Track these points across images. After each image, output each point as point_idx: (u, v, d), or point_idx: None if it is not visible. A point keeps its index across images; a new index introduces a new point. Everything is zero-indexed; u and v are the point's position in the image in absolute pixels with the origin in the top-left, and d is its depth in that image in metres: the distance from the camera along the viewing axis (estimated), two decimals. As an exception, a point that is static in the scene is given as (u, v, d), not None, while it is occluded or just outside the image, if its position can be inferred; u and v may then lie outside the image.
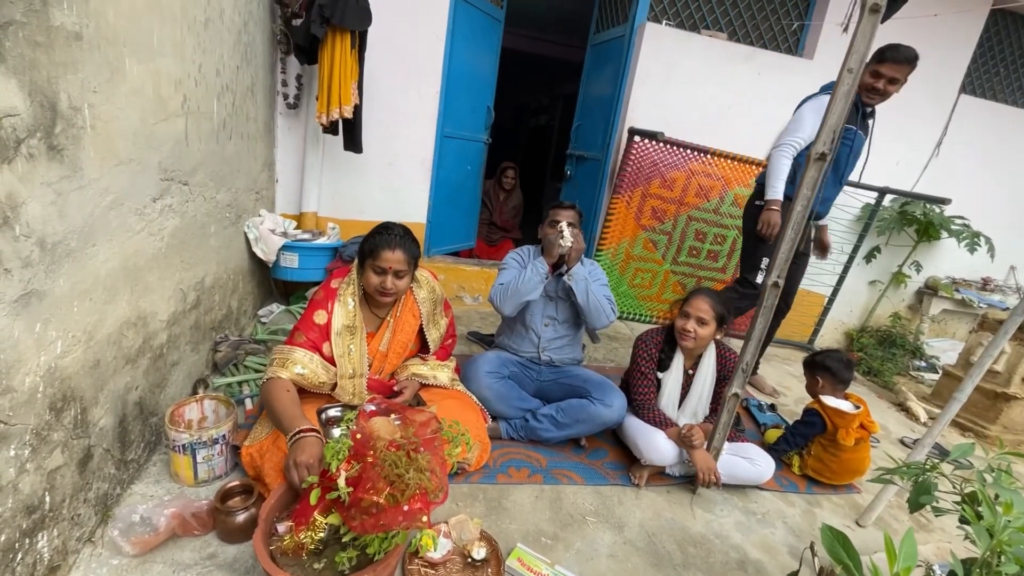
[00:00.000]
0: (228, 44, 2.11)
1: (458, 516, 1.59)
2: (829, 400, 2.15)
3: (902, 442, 2.80)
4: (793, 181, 2.49)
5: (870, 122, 2.58)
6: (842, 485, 2.21)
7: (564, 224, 2.07)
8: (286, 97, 2.96)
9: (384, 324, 1.84)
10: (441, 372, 1.97)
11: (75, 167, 1.17)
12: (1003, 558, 1.04)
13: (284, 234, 2.77)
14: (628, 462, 2.08)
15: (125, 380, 1.48)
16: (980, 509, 1.10)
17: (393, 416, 1.26)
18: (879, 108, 2.62)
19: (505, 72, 4.36)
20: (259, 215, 2.75)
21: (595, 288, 2.11)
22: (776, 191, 2.47)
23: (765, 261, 2.61)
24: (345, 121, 2.77)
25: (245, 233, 2.58)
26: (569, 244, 2.04)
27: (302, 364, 1.63)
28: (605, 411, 2.02)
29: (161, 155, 1.60)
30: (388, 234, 1.65)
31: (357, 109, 2.75)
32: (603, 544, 1.67)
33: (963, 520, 1.17)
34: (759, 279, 2.63)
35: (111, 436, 1.43)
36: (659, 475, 2.02)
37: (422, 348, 2.02)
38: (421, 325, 1.90)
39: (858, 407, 2.13)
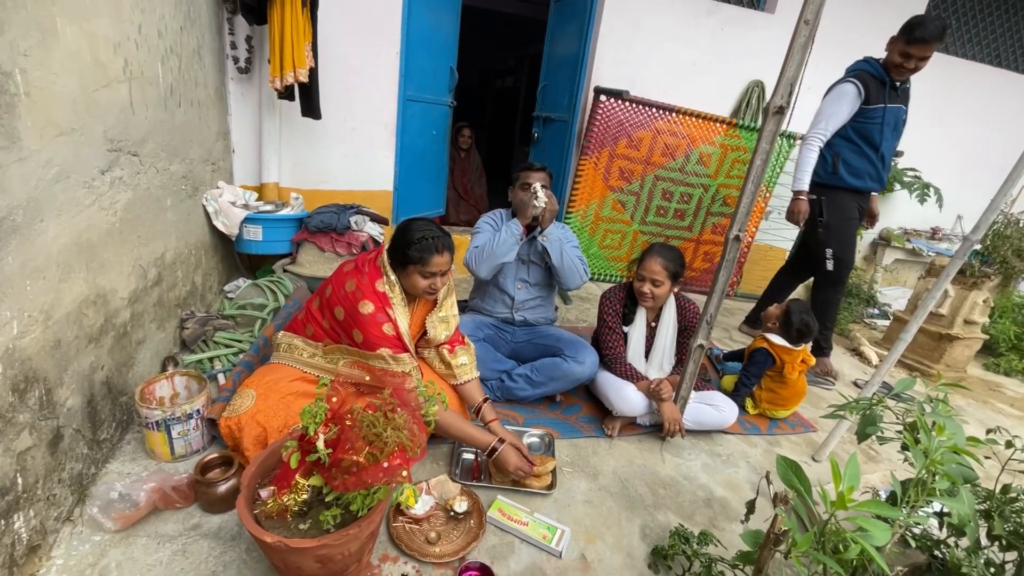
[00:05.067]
0: (169, 3, 1.98)
1: (439, 476, 1.64)
2: (775, 338, 2.34)
3: (855, 384, 2.98)
4: (836, 172, 2.66)
5: (908, 89, 2.65)
6: (800, 426, 2.37)
7: (537, 185, 2.06)
8: (236, 61, 2.81)
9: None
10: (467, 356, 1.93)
11: (12, 137, 1.10)
12: (936, 477, 1.15)
13: (245, 206, 2.68)
14: (601, 415, 2.16)
15: (89, 360, 1.45)
16: (919, 436, 1.20)
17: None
18: (838, 63, 2.72)
19: (468, 32, 4.22)
20: (217, 187, 2.65)
21: (568, 249, 2.14)
22: (801, 182, 2.63)
23: (830, 251, 2.75)
24: (301, 85, 2.66)
25: (204, 206, 2.49)
26: (543, 204, 2.04)
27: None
28: (578, 368, 2.08)
29: (106, 124, 1.51)
30: (430, 238, 1.58)
31: (313, 72, 2.64)
32: (579, 491, 1.76)
33: (904, 447, 1.27)
34: (830, 267, 2.78)
35: (80, 416, 1.41)
36: (630, 425, 2.12)
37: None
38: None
39: (801, 346, 2.36)
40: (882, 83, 2.52)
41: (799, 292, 4.66)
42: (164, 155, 1.97)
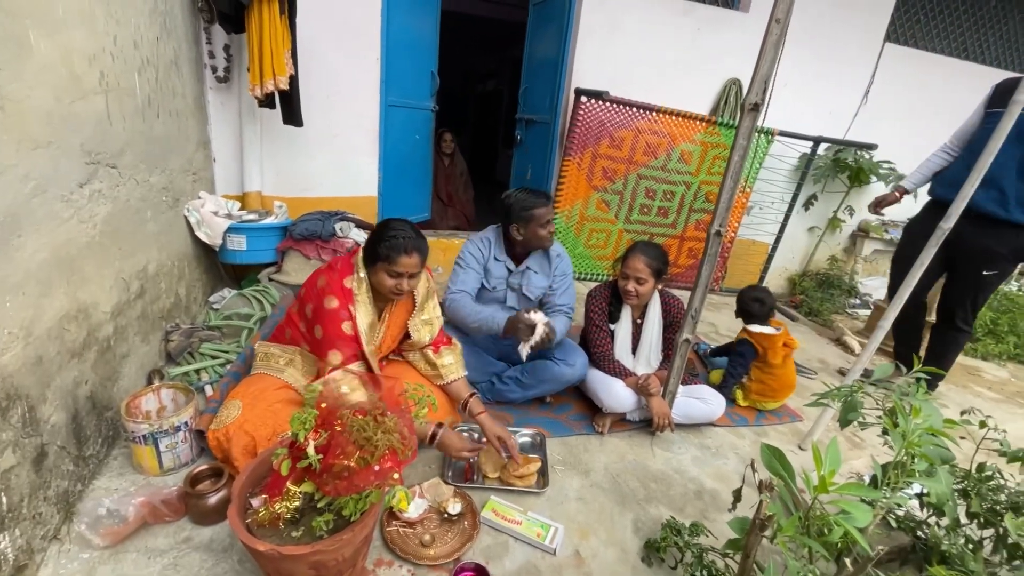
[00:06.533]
0: (143, 14, 1.97)
1: (431, 480, 1.64)
2: (754, 327, 2.38)
3: (840, 372, 3.04)
4: (952, 183, 2.30)
5: None
6: (787, 416, 2.41)
7: (540, 323, 1.86)
8: (215, 70, 2.79)
9: (382, 319, 1.79)
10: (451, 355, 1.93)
11: (-13, 152, 1.09)
12: (915, 459, 1.19)
13: (228, 216, 2.66)
14: (591, 413, 2.18)
15: (73, 375, 1.43)
16: (897, 419, 1.23)
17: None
18: (811, 60, 2.67)
19: (449, 37, 4.23)
20: (199, 197, 2.63)
21: (561, 326, 2.06)
22: (905, 180, 2.70)
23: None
24: (281, 93, 2.65)
25: (186, 217, 2.46)
26: (538, 340, 1.87)
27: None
28: (568, 370, 2.10)
29: (83, 137, 1.50)
30: (402, 238, 1.59)
31: (293, 79, 2.63)
32: (572, 489, 1.77)
33: (885, 431, 1.31)
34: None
35: (65, 433, 1.39)
36: (620, 422, 2.14)
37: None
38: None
39: (778, 328, 2.38)
40: (1014, 87, 2.21)
41: (778, 284, 4.74)
42: (143, 167, 1.95)
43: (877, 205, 2.78)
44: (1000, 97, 2.30)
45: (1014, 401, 2.97)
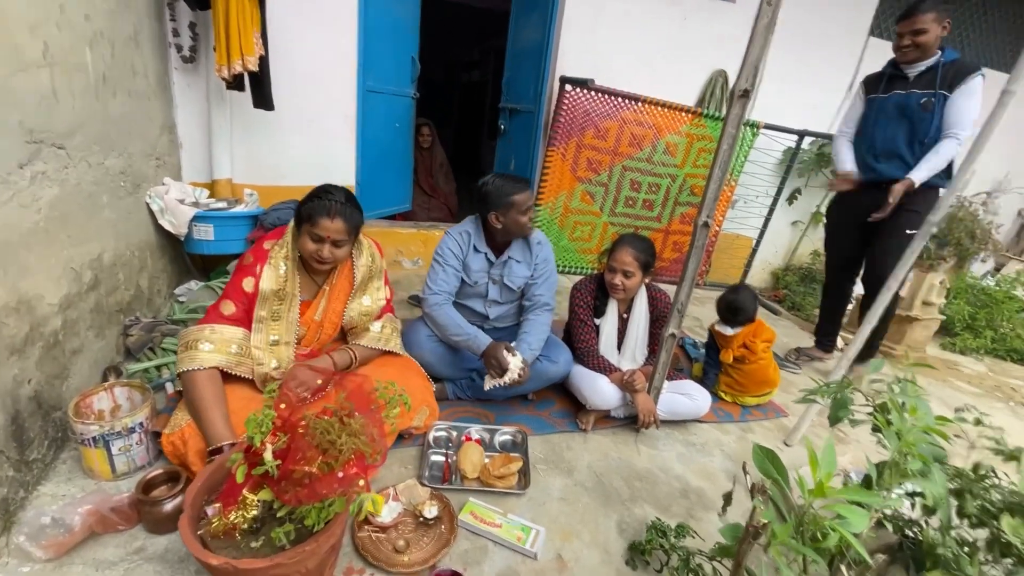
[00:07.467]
0: (97, -17, 1.82)
1: (406, 481, 1.56)
2: (717, 325, 2.39)
3: (786, 359, 3.03)
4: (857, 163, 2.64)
5: (929, 73, 2.39)
6: (772, 411, 2.38)
7: (514, 369, 1.83)
8: (180, 49, 2.64)
9: (320, 292, 1.71)
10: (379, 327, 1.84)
11: (-101, 124, 0.97)
12: (909, 458, 1.14)
13: (195, 204, 2.52)
14: (574, 409, 2.12)
15: (13, 373, 1.32)
16: (890, 417, 1.19)
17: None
18: (796, 54, 2.68)
19: (431, 25, 4.10)
20: (162, 184, 2.48)
21: (541, 334, 2.02)
22: (846, 168, 2.70)
23: None
24: (251, 75, 2.52)
25: (148, 204, 2.32)
26: (509, 383, 1.85)
27: (225, 343, 1.52)
28: (552, 367, 2.03)
29: (23, 113, 1.37)
30: (328, 200, 1.52)
31: (263, 61, 2.50)
32: (555, 488, 1.71)
33: (875, 429, 1.27)
34: None
35: (3, 435, 1.27)
36: (604, 418, 2.08)
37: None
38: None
39: (736, 330, 2.32)
40: (881, 76, 2.57)
41: (761, 278, 4.74)
42: (97, 149, 1.82)
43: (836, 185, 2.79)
44: (869, 86, 2.64)
45: (992, 395, 2.99)
